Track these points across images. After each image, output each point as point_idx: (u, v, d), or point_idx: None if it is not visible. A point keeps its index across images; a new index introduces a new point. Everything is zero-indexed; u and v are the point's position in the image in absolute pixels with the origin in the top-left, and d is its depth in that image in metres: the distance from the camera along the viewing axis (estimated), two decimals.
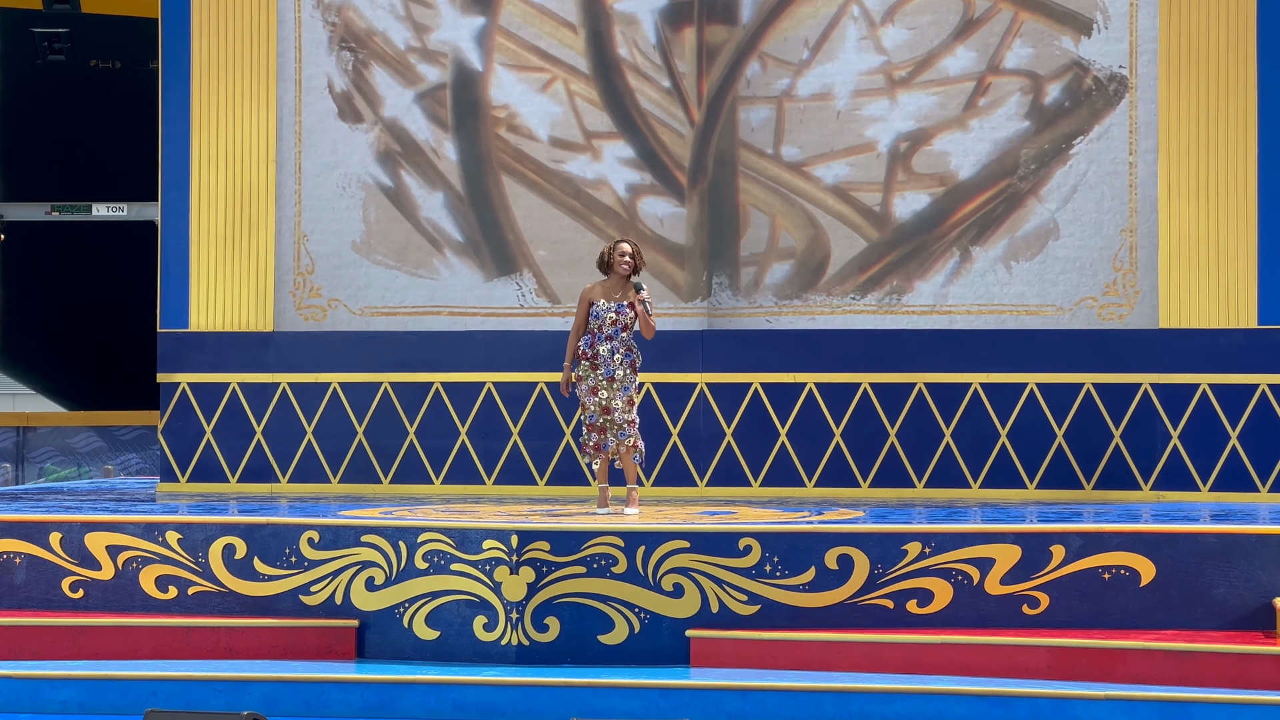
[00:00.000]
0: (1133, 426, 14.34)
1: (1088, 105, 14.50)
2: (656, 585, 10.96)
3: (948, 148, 14.68)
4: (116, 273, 23.97)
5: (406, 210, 15.19)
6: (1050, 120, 14.55)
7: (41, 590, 11.65)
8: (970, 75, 14.66)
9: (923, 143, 14.67)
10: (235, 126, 15.29)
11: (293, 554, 11.39)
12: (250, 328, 15.25)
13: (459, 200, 15.16)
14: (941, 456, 14.57)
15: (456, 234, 15.16)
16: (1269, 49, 14.25)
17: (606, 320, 12.37)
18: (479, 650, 10.96)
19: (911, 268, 14.68)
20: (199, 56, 15.31)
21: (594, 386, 12.36)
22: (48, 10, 22.25)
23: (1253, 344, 14.21)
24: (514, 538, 10.98)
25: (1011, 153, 14.58)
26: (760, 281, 14.83)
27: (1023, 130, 14.56)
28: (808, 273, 14.84)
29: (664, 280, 14.83)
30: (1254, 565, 10.87)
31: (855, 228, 14.73)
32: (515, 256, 15.09)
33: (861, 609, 10.96)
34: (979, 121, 14.60)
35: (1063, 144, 14.52)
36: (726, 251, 14.86)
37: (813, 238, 14.80)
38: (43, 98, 23.41)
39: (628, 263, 12.35)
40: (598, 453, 12.42)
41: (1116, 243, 14.51)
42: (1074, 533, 11.04)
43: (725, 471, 14.79)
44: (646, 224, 14.94)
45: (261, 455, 15.21)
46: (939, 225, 14.67)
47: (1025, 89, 14.58)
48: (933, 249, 14.65)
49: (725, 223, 14.88)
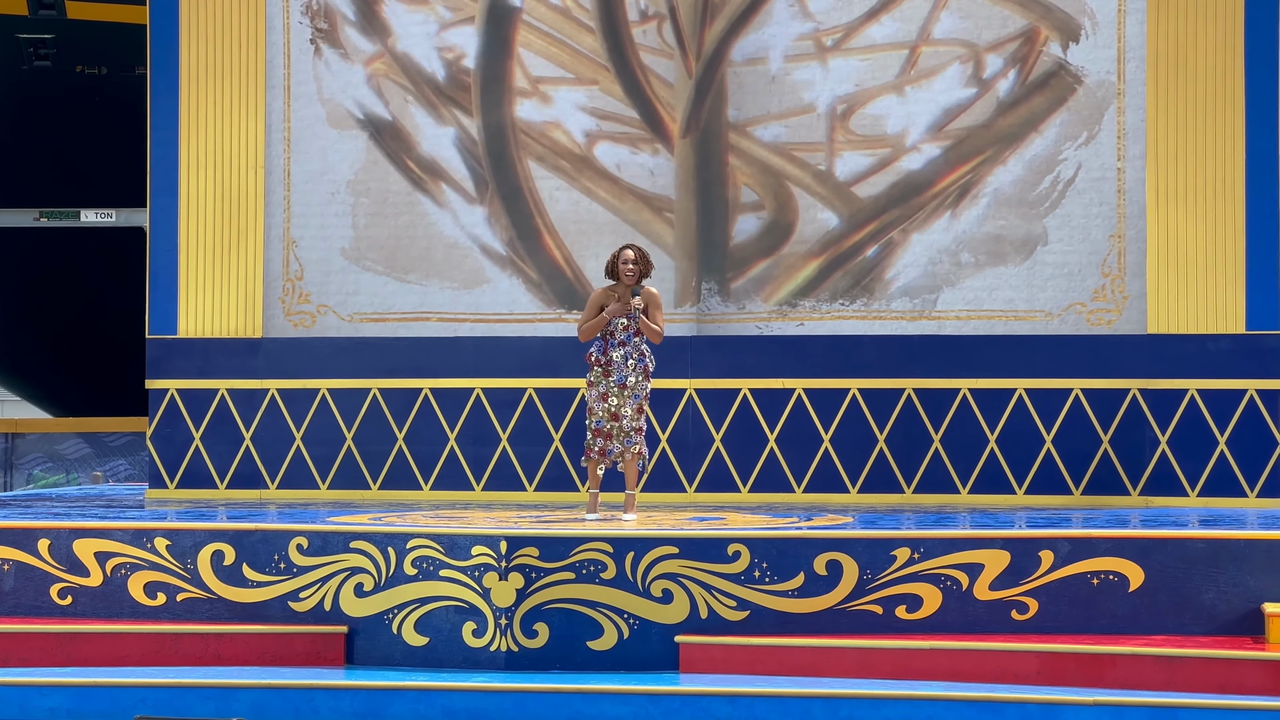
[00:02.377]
0: (1121, 432, 14.35)
1: (1052, 90, 14.51)
2: (645, 591, 10.96)
3: (883, 111, 14.72)
4: (105, 279, 23.96)
5: (402, 141, 15.18)
6: (1004, 96, 14.56)
7: (30, 597, 11.63)
8: (903, 43, 14.73)
9: (859, 105, 14.72)
10: (224, 132, 15.28)
11: (281, 560, 11.38)
12: (239, 334, 15.23)
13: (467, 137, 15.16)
14: (930, 462, 14.58)
15: (462, 169, 15.14)
16: (1256, 55, 14.27)
17: (619, 326, 12.38)
18: (468, 656, 10.96)
19: (881, 249, 14.71)
20: (187, 62, 15.30)
21: (604, 392, 12.36)
22: (33, 16, 22.26)
23: (1241, 349, 14.23)
24: (503, 544, 10.98)
25: (964, 123, 14.61)
26: (730, 236, 14.82)
27: (965, 99, 14.56)
28: (779, 231, 14.81)
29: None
30: (1242, 570, 10.89)
31: (810, 190, 14.75)
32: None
33: (850, 615, 10.96)
34: (915, 89, 14.70)
35: (1026, 129, 14.52)
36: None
37: (776, 192, 14.80)
38: (29, 104, 23.41)
39: (631, 270, 12.36)
40: (602, 458, 12.41)
41: (1105, 248, 14.53)
42: (1063, 538, 11.05)
43: (714, 477, 14.79)
44: (622, 177, 14.99)
45: (250, 461, 15.20)
46: (904, 202, 14.69)
47: (964, 58, 14.62)
48: (901, 224, 14.70)
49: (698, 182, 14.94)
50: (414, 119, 15.23)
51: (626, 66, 15.05)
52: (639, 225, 14.95)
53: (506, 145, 15.12)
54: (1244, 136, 14.26)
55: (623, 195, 15.03)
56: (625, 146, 15.06)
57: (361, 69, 15.27)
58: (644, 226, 14.95)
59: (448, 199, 15.19)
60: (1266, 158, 14.25)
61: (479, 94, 15.19)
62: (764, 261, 14.86)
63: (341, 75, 15.30)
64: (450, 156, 15.21)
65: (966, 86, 14.64)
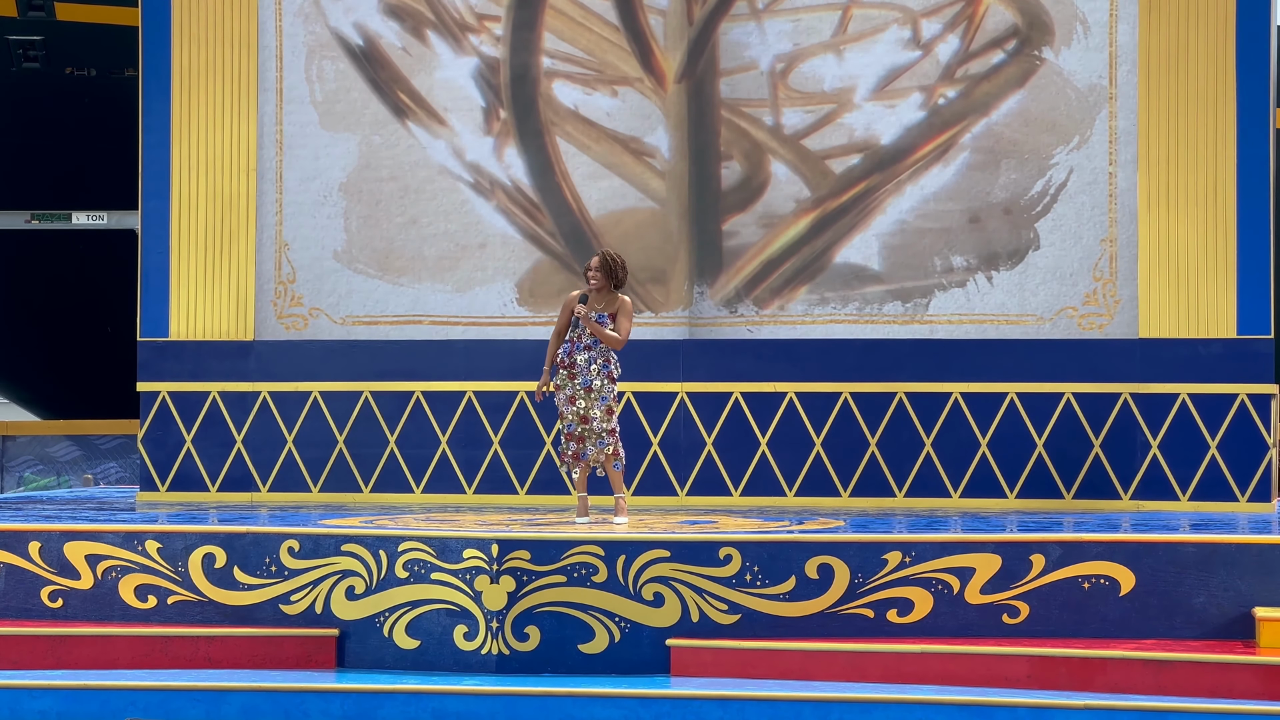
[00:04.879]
0: (1113, 436, 14.36)
1: (1015, 65, 14.58)
2: (637, 594, 10.96)
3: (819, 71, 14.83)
4: (96, 281, 23.93)
5: (389, 71, 15.20)
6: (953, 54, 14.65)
7: (20, 599, 11.63)
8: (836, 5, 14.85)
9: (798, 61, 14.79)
10: (216, 135, 15.28)
11: (273, 563, 11.37)
12: (231, 336, 15.23)
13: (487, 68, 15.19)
14: (922, 466, 14.58)
15: (477, 98, 15.17)
16: (1248, 60, 14.28)
17: (585, 330, 12.43)
18: (459, 660, 10.96)
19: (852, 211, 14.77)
20: (179, 65, 15.29)
21: (571, 396, 12.40)
22: (22, 18, 22.22)
23: (1232, 353, 14.24)
24: (494, 547, 10.98)
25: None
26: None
27: (908, 60, 14.64)
28: (752, 187, 14.85)
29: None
30: (1233, 574, 10.90)
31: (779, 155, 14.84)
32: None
33: (842, 618, 10.97)
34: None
35: (988, 101, 14.60)
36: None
37: (749, 153, 14.85)
38: (18, 105, 23.38)
39: (594, 277, 12.45)
40: (576, 462, 12.46)
41: (1096, 252, 14.54)
42: (1054, 542, 11.06)
43: (706, 481, 14.79)
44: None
45: (242, 464, 15.18)
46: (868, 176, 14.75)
47: (900, 21, 14.69)
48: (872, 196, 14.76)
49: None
50: (433, 46, 15.17)
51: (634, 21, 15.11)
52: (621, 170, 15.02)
53: (533, 87, 15.10)
54: (1235, 141, 14.28)
55: (600, 137, 15.05)
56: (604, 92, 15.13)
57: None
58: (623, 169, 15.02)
59: (453, 128, 15.13)
60: (1257, 162, 14.27)
61: (510, 33, 15.15)
62: (740, 215, 14.88)
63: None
64: (465, 86, 15.15)
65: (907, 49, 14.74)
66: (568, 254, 15.01)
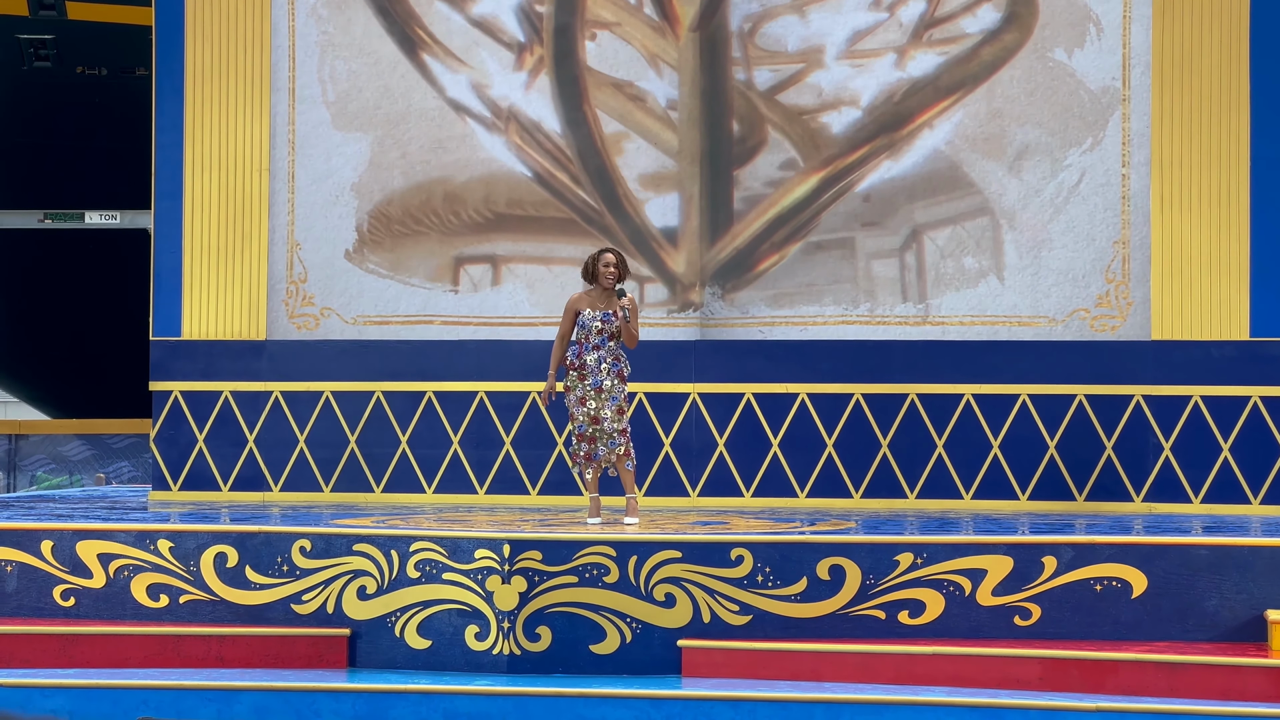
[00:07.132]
0: (1125, 438, 14.34)
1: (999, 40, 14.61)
2: (648, 595, 10.96)
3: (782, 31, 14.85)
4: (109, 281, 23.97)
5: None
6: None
7: (32, 598, 11.64)
8: None
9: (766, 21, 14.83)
10: (229, 135, 15.29)
11: (284, 563, 11.38)
12: (243, 336, 15.24)
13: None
14: (933, 467, 14.58)
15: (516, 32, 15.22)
16: (1262, 61, 14.27)
17: (593, 329, 12.41)
18: (470, 660, 10.96)
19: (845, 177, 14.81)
20: (192, 64, 15.31)
21: (582, 396, 12.39)
22: (34, 17, 22.26)
23: (1245, 356, 14.23)
24: (506, 547, 10.98)
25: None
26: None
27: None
28: (746, 149, 14.85)
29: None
30: (1246, 577, 10.89)
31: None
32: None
33: (853, 619, 10.96)
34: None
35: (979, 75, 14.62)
36: None
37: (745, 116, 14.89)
38: (29, 105, 23.43)
39: (612, 273, 12.41)
40: (589, 462, 12.45)
41: (1109, 254, 14.53)
42: (1066, 544, 11.05)
43: (717, 482, 14.79)
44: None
45: (254, 464, 15.20)
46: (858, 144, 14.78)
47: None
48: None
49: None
50: None
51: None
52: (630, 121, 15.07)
53: (574, 34, 15.15)
54: (1249, 142, 14.27)
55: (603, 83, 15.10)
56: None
57: None
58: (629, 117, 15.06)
59: (484, 63, 15.16)
60: (1271, 163, 14.25)
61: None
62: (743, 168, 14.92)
63: None
64: (505, 18, 15.15)
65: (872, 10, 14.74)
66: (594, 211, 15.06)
